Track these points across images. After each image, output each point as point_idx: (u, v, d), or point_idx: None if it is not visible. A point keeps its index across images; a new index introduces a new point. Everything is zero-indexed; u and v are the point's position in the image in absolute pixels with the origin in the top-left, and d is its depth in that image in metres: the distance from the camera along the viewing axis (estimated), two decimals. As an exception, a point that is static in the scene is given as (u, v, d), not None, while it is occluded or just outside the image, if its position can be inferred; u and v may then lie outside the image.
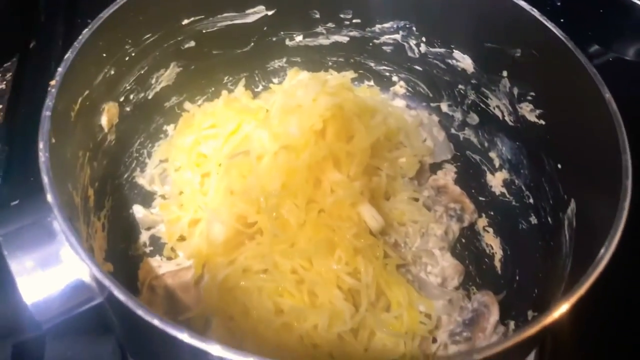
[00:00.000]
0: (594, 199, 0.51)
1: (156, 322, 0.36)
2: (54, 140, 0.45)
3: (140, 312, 0.36)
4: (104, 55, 0.54)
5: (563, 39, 0.54)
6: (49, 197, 0.41)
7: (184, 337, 0.35)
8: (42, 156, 0.43)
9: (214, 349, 0.35)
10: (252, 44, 0.69)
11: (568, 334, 0.53)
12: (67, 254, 0.40)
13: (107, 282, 0.38)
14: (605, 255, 0.43)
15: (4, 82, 0.71)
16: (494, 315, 0.58)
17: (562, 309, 0.40)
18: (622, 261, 0.44)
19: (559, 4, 0.97)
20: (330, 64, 0.73)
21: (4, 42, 0.73)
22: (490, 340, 0.56)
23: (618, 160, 0.47)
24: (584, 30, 0.97)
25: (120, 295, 0.37)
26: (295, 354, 0.51)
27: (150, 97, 0.63)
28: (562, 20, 0.93)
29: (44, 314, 0.40)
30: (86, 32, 0.51)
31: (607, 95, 0.50)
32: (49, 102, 0.46)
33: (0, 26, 0.73)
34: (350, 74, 0.71)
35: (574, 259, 0.52)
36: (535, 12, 0.56)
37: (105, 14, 0.53)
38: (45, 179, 0.41)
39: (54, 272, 0.40)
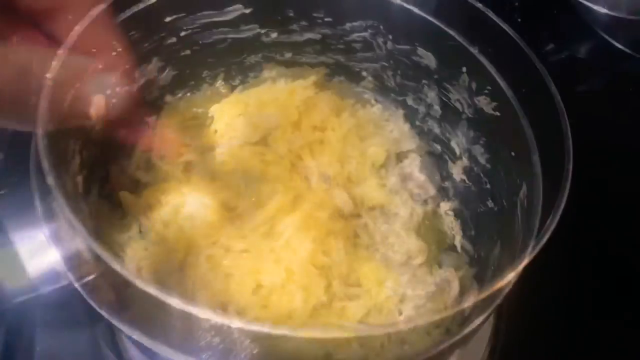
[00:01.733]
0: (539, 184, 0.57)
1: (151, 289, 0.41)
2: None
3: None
4: (93, 51, 0.58)
5: (515, 37, 0.60)
6: (49, 180, 0.44)
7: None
8: (41, 143, 0.46)
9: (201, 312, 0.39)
10: (230, 40, 0.73)
11: (519, 303, 0.60)
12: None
13: (104, 255, 0.42)
14: (550, 227, 0.48)
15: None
16: (454, 290, 0.64)
17: (510, 277, 0.46)
18: (564, 239, 0.50)
19: (516, 4, 1.03)
20: (304, 59, 0.77)
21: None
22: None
23: (562, 146, 0.52)
24: (540, 30, 1.04)
25: (116, 266, 0.42)
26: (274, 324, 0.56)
27: (133, 90, 0.67)
28: (519, 19, 1.01)
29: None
30: (77, 29, 0.55)
31: (553, 88, 0.56)
32: (45, 92, 0.49)
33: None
34: (323, 70, 0.76)
35: (523, 236, 0.58)
36: (490, 13, 0.62)
37: (94, 12, 0.56)
38: (46, 164, 0.45)
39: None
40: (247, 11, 0.70)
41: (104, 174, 0.65)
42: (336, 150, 0.66)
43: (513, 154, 0.64)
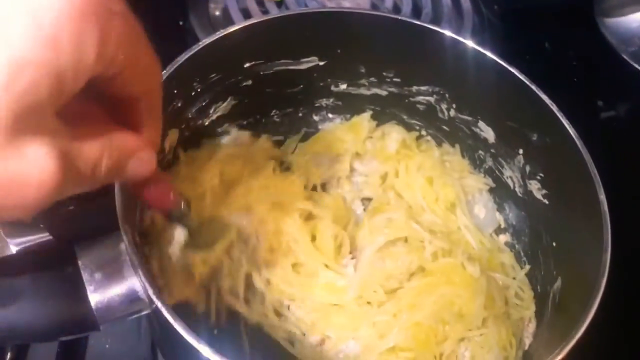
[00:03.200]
0: (574, 285, 0.59)
1: (191, 339, 0.45)
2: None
3: (178, 328, 0.45)
4: (175, 92, 0.63)
5: (574, 137, 0.61)
6: (120, 222, 0.50)
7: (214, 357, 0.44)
8: (117, 185, 0.52)
9: None
10: (302, 86, 0.77)
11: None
12: (129, 272, 0.49)
13: (156, 301, 0.47)
14: (576, 334, 0.50)
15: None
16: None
17: None
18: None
19: (574, 63, 1.04)
20: (368, 111, 0.81)
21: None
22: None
23: (599, 257, 0.54)
24: (594, 87, 1.04)
25: (165, 312, 0.46)
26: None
27: (206, 124, 0.72)
28: (575, 79, 1.02)
29: (103, 317, 0.49)
30: (164, 73, 0.60)
31: (602, 197, 0.57)
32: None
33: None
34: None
35: (551, 333, 0.60)
36: (554, 107, 0.63)
37: (182, 58, 0.61)
38: (118, 206, 0.50)
39: (117, 285, 0.49)
40: (322, 63, 0.74)
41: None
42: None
43: (554, 244, 0.66)
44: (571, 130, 0.61)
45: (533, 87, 0.64)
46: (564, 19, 1.10)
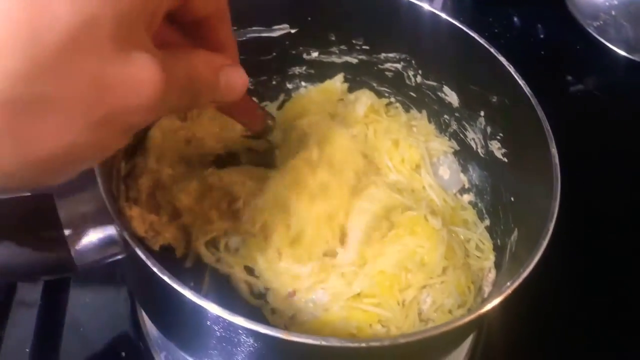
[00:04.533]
0: (528, 233, 0.63)
1: (166, 278, 0.48)
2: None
3: (153, 268, 0.48)
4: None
5: (529, 95, 0.64)
6: (96, 172, 0.52)
7: (187, 294, 0.47)
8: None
9: (212, 307, 0.44)
10: (274, 53, 0.80)
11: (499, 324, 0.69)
12: (105, 218, 0.52)
13: (130, 242, 0.50)
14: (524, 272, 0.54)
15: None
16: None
17: (490, 305, 0.51)
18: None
19: (542, 36, 1.08)
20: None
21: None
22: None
23: (548, 206, 0.58)
24: (561, 61, 1.08)
25: (140, 253, 0.49)
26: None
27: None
28: (542, 52, 1.06)
29: (81, 259, 0.52)
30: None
31: (553, 150, 0.61)
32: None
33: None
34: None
35: (505, 278, 0.64)
36: (511, 69, 0.66)
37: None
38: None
39: (93, 229, 0.52)
40: (293, 31, 0.77)
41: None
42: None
43: (512, 199, 0.70)
44: (526, 90, 0.65)
45: (492, 50, 0.68)
46: (532, -7, 1.15)
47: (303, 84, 0.85)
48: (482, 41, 0.69)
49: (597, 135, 0.98)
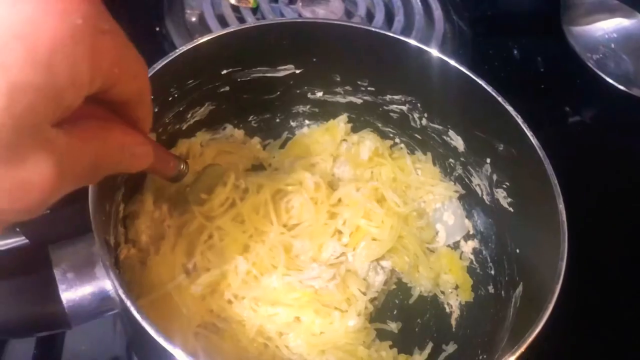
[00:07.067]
0: (534, 290, 0.61)
1: (159, 338, 0.47)
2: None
3: (146, 326, 0.47)
4: (152, 97, 0.64)
5: (537, 148, 0.63)
6: (93, 225, 0.51)
7: (181, 355, 0.46)
8: (90, 189, 0.53)
9: None
10: (279, 92, 0.79)
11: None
12: (100, 272, 0.51)
13: (125, 299, 0.48)
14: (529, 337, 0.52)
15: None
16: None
17: None
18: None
19: (541, 69, 1.07)
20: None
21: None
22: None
23: (554, 266, 0.56)
24: (561, 94, 1.08)
25: (134, 311, 0.48)
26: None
27: (183, 128, 0.74)
28: (542, 85, 1.05)
29: (75, 315, 0.51)
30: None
31: (561, 206, 0.60)
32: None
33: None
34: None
35: (511, 333, 0.62)
36: (519, 119, 0.65)
37: (158, 65, 0.63)
38: (91, 210, 0.52)
39: (88, 284, 0.51)
40: (298, 71, 0.76)
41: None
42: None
43: (518, 251, 0.68)
44: (534, 142, 0.64)
45: (499, 98, 0.67)
46: (532, 27, 1.15)
47: (307, 122, 0.84)
48: (489, 89, 0.67)
49: (597, 168, 0.96)
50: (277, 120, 0.83)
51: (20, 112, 0.28)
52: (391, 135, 0.83)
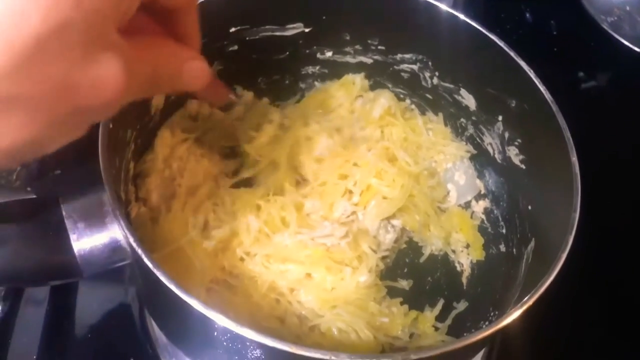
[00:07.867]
0: (546, 243, 0.61)
1: (172, 287, 0.47)
2: (111, 126, 0.55)
3: (159, 276, 0.47)
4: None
5: (550, 102, 0.62)
6: (103, 176, 0.51)
7: (195, 304, 0.45)
8: (101, 140, 0.53)
9: (219, 318, 0.43)
10: (288, 53, 0.78)
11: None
12: (112, 223, 0.51)
13: (137, 249, 0.49)
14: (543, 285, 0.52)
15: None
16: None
17: (509, 319, 0.50)
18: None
19: (554, 32, 1.05)
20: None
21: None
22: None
23: (567, 219, 0.55)
24: (574, 57, 1.06)
25: (146, 259, 0.48)
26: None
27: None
28: (555, 49, 1.03)
29: (87, 264, 0.51)
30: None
31: (574, 159, 0.59)
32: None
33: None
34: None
35: (522, 289, 0.62)
36: (532, 74, 0.64)
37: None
38: (101, 161, 0.52)
39: (99, 234, 0.51)
40: (307, 30, 0.75)
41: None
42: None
43: (530, 207, 0.68)
44: (547, 96, 0.63)
45: (512, 53, 0.66)
46: (545, -11, 1.12)
47: (316, 83, 0.84)
48: (501, 44, 0.66)
49: (611, 131, 0.95)
50: (287, 82, 0.82)
51: (86, 12, 0.29)
52: (402, 96, 0.82)
